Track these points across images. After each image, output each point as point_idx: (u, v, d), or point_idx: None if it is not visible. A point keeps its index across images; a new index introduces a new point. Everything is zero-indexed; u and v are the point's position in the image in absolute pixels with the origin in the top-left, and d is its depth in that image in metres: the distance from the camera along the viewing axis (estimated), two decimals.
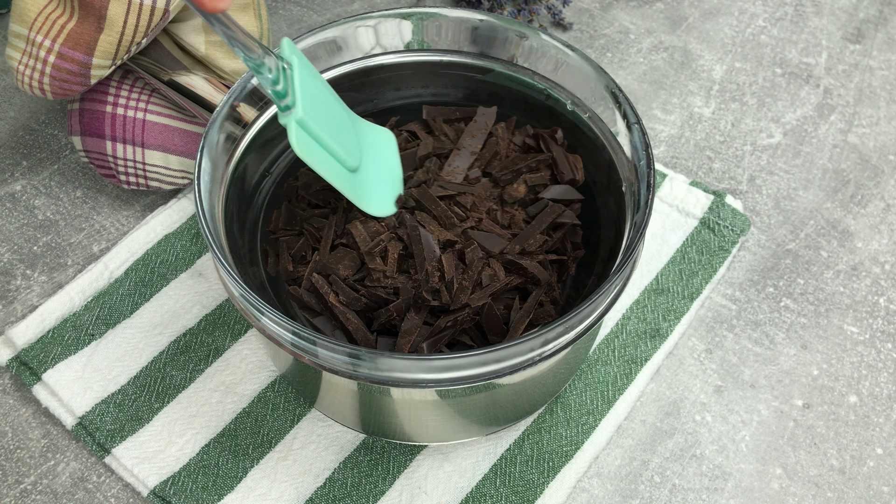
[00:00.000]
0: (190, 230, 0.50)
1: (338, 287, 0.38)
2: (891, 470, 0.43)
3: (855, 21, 0.63)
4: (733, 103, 0.58)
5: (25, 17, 0.44)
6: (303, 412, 0.44)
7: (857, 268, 0.50)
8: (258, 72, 0.34)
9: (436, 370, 0.33)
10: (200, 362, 0.45)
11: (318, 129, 0.35)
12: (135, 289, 0.47)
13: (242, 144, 0.40)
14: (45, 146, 0.55)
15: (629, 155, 0.38)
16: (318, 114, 0.35)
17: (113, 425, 0.43)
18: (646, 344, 0.46)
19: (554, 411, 0.44)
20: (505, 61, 0.43)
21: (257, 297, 0.33)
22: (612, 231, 0.39)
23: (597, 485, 0.42)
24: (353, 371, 0.33)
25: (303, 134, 0.34)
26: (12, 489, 0.41)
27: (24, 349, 0.45)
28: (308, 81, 0.35)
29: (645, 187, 0.36)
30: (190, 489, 0.41)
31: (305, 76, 0.35)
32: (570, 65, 0.41)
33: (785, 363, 0.46)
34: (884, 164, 0.55)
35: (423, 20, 0.42)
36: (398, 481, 0.42)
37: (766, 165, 0.54)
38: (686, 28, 0.63)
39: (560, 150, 0.42)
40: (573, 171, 0.42)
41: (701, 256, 0.49)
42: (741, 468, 0.42)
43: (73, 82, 0.45)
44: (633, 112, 0.38)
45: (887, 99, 0.58)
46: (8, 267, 0.49)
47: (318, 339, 0.32)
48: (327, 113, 0.36)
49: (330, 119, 0.36)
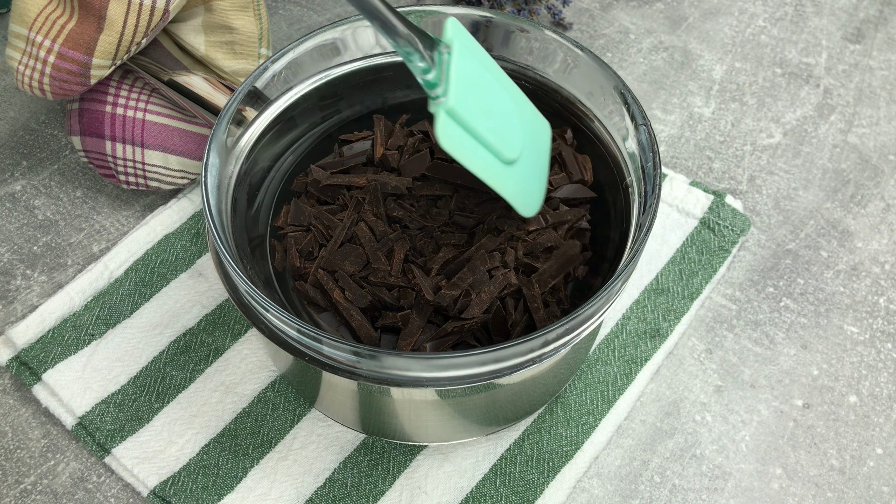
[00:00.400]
0: (190, 230, 0.50)
1: (344, 282, 0.38)
2: (891, 470, 0.43)
3: (855, 21, 0.63)
4: (733, 103, 0.58)
5: (25, 17, 0.44)
6: (303, 412, 0.44)
7: (857, 268, 0.50)
8: (408, 60, 0.32)
9: (436, 369, 0.33)
10: (200, 362, 0.45)
11: (471, 118, 0.33)
12: (135, 289, 0.47)
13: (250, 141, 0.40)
14: (45, 146, 0.55)
15: (636, 155, 0.38)
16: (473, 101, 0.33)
17: (113, 425, 0.43)
18: (646, 344, 0.46)
19: (554, 411, 0.44)
20: (511, 61, 0.43)
21: (262, 294, 0.33)
22: (617, 232, 0.39)
23: (597, 485, 0.42)
24: (353, 369, 0.33)
25: (450, 124, 0.32)
26: (12, 489, 0.41)
27: (24, 349, 0.45)
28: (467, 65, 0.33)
29: (651, 188, 0.36)
30: (190, 489, 0.41)
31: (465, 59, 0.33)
32: (578, 64, 0.41)
33: (785, 363, 0.46)
34: (884, 164, 0.55)
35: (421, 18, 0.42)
36: (398, 481, 0.42)
37: (766, 165, 0.54)
38: (686, 28, 0.63)
39: (570, 149, 0.42)
40: (582, 171, 0.42)
41: (701, 256, 0.49)
42: (741, 468, 0.42)
43: (73, 82, 0.45)
44: (641, 113, 0.38)
45: (887, 99, 0.58)
46: (8, 267, 0.49)
47: (320, 336, 0.32)
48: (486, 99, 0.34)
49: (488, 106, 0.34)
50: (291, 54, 0.41)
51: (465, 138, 0.33)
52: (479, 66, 0.34)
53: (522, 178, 0.36)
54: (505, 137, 0.35)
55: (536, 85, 0.43)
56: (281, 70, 0.41)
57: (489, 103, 0.34)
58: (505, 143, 0.35)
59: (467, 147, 0.33)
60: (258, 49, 0.50)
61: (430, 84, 0.32)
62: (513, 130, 0.35)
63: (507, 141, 0.35)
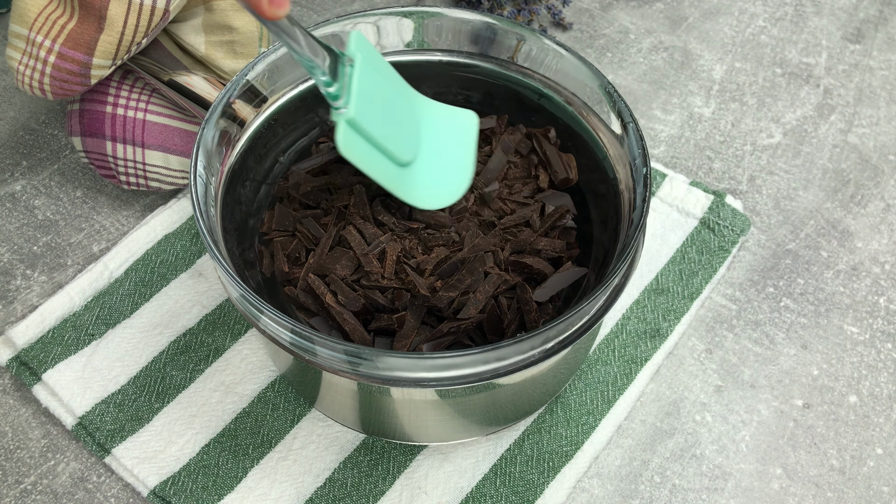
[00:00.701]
0: (190, 230, 0.50)
1: (336, 286, 0.38)
2: (891, 470, 0.43)
3: (855, 21, 0.63)
4: (733, 103, 0.58)
5: (25, 18, 0.44)
6: (303, 412, 0.44)
7: (857, 268, 0.50)
8: (312, 73, 0.33)
9: (435, 369, 0.33)
10: (200, 362, 0.45)
11: (370, 127, 0.35)
12: (135, 289, 0.47)
13: (240, 143, 0.40)
14: (45, 146, 0.55)
15: (625, 154, 0.38)
16: (372, 111, 0.35)
17: (113, 425, 0.43)
18: (646, 344, 0.46)
19: (554, 411, 0.44)
20: (503, 61, 0.43)
21: (256, 296, 0.33)
22: (611, 231, 0.39)
23: (597, 485, 0.42)
24: (352, 370, 0.33)
25: (351, 133, 0.34)
26: (12, 489, 0.41)
27: (24, 349, 0.45)
28: (369, 77, 0.35)
29: (641, 186, 0.36)
30: (190, 489, 0.41)
31: (367, 72, 0.35)
32: (565, 65, 0.41)
33: (785, 363, 0.46)
34: (884, 164, 0.55)
35: (423, 19, 0.43)
36: (398, 481, 0.42)
37: (766, 165, 0.54)
38: (686, 28, 0.63)
39: (553, 148, 0.42)
40: (566, 169, 0.42)
41: (701, 256, 0.49)
42: (741, 468, 0.42)
43: (74, 82, 0.45)
44: (628, 111, 0.38)
45: (887, 99, 0.58)
46: (8, 267, 0.49)
47: (316, 337, 0.32)
48: (385, 108, 0.36)
49: (386, 115, 0.36)
50: (273, 56, 0.41)
51: (364, 146, 0.35)
52: (380, 78, 0.37)
53: (421, 176, 0.39)
54: (401, 142, 0.37)
55: (525, 85, 0.43)
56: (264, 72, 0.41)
57: (387, 112, 0.37)
58: (401, 148, 0.37)
59: (365, 154, 0.35)
60: (258, 49, 0.50)
61: (332, 96, 0.34)
62: (409, 135, 0.38)
63: (402, 145, 0.37)
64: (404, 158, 0.37)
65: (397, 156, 0.37)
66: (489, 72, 0.43)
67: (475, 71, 0.44)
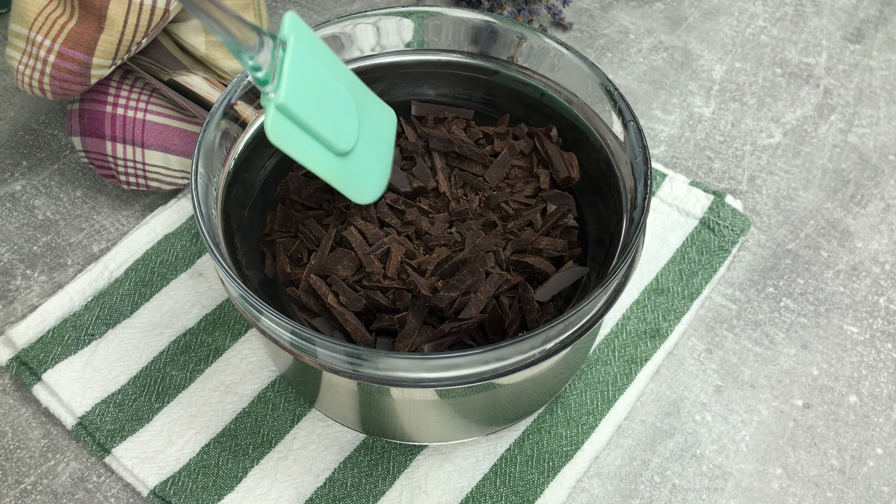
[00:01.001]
0: (190, 230, 0.50)
1: (338, 287, 0.38)
2: (891, 470, 0.43)
3: (855, 21, 0.63)
4: (733, 103, 0.58)
5: (25, 17, 0.44)
6: (303, 412, 0.44)
7: (857, 268, 0.50)
8: (238, 56, 0.32)
9: (436, 369, 0.33)
10: (200, 362, 0.45)
11: (304, 113, 0.33)
12: (135, 289, 0.47)
13: (241, 143, 0.40)
14: (45, 146, 0.55)
15: (626, 152, 0.38)
16: (306, 96, 0.34)
17: (113, 425, 0.43)
18: (646, 344, 0.46)
19: (554, 411, 0.44)
20: (504, 61, 0.43)
21: (256, 297, 0.33)
22: (612, 230, 0.39)
23: (597, 485, 0.42)
24: (352, 371, 0.33)
25: (281, 119, 0.33)
26: (12, 489, 0.41)
27: (24, 349, 0.45)
28: (302, 60, 0.34)
29: (642, 185, 0.36)
30: (190, 489, 0.41)
31: (300, 54, 0.34)
32: (566, 64, 0.41)
33: (785, 363, 0.46)
34: (884, 164, 0.55)
35: (423, 18, 0.43)
36: (398, 481, 0.42)
37: (766, 165, 0.55)
38: (686, 28, 0.63)
39: (555, 147, 0.42)
40: (568, 168, 0.42)
41: (701, 256, 0.49)
42: (741, 468, 0.42)
43: (74, 82, 0.45)
44: (629, 109, 0.38)
45: (887, 99, 0.58)
46: (8, 267, 0.49)
47: (316, 338, 0.32)
48: (320, 93, 0.35)
49: (322, 100, 0.35)
50: None
51: (297, 133, 0.34)
52: (315, 60, 0.35)
53: (358, 168, 0.37)
54: (339, 130, 0.35)
55: (523, 84, 0.43)
56: None
57: (323, 97, 0.35)
58: (339, 136, 0.35)
59: (299, 142, 0.34)
60: None
61: (260, 81, 0.33)
62: (348, 122, 0.36)
63: (341, 133, 0.35)
64: (342, 147, 0.36)
65: (335, 144, 0.35)
66: (490, 71, 0.43)
67: (475, 70, 0.44)
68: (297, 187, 0.41)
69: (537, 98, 0.43)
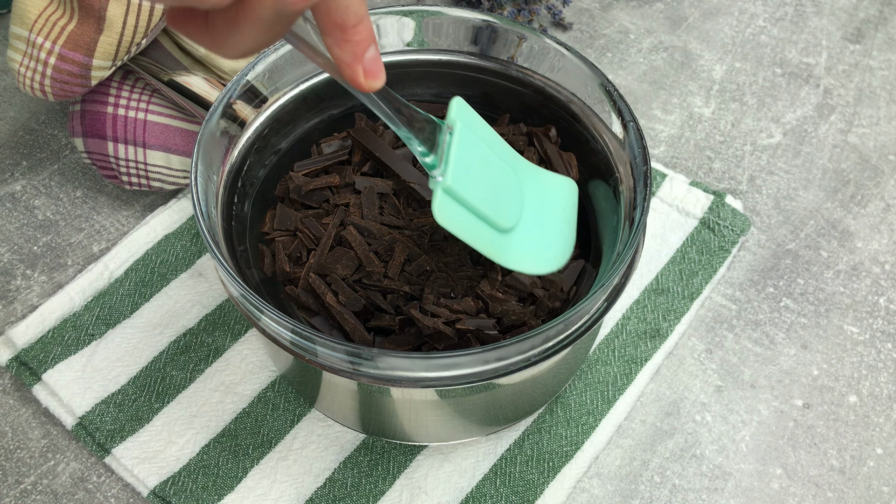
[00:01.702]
0: (190, 230, 0.50)
1: (337, 287, 0.38)
2: (891, 470, 0.43)
3: (855, 21, 0.63)
4: (733, 103, 0.58)
5: (26, 19, 0.44)
6: (303, 412, 0.44)
7: (857, 268, 0.50)
8: (408, 143, 0.33)
9: (435, 369, 0.33)
10: (200, 362, 0.45)
11: (468, 194, 0.34)
12: (135, 289, 0.47)
13: (241, 143, 0.40)
14: (45, 146, 0.55)
15: (625, 152, 0.38)
16: (471, 178, 0.34)
17: (113, 425, 0.43)
18: (646, 344, 0.46)
19: (554, 411, 0.44)
20: (504, 61, 0.43)
21: (256, 296, 0.33)
22: (612, 230, 0.39)
23: (597, 485, 0.42)
24: (352, 370, 0.33)
25: (448, 201, 0.34)
26: (12, 489, 0.41)
27: (24, 349, 0.45)
28: (468, 143, 0.35)
29: (642, 185, 0.36)
30: (190, 489, 0.41)
31: (466, 138, 0.35)
32: (566, 64, 0.41)
33: (785, 363, 0.46)
34: (884, 164, 0.55)
35: (423, 18, 0.43)
36: (398, 481, 0.42)
37: (766, 165, 0.54)
38: (686, 28, 0.63)
39: (554, 147, 0.42)
40: (567, 168, 0.42)
41: (701, 256, 0.49)
42: (741, 468, 0.42)
43: (74, 83, 0.45)
44: (628, 109, 0.38)
45: (887, 99, 0.58)
46: (8, 267, 0.49)
47: (316, 337, 0.32)
48: (484, 175, 0.35)
49: (486, 182, 0.35)
50: (273, 56, 0.41)
51: (462, 213, 0.34)
52: (479, 142, 0.36)
53: (523, 242, 0.37)
54: (501, 208, 0.36)
55: (523, 84, 0.43)
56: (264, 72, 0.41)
57: (486, 177, 0.36)
58: (501, 214, 0.36)
59: (464, 222, 0.34)
60: None
61: (429, 165, 0.34)
62: (510, 200, 0.37)
63: (503, 211, 0.36)
64: (504, 225, 0.36)
65: (497, 222, 0.36)
66: (490, 71, 0.43)
67: (475, 70, 0.44)
68: (297, 186, 0.41)
69: (537, 98, 0.43)
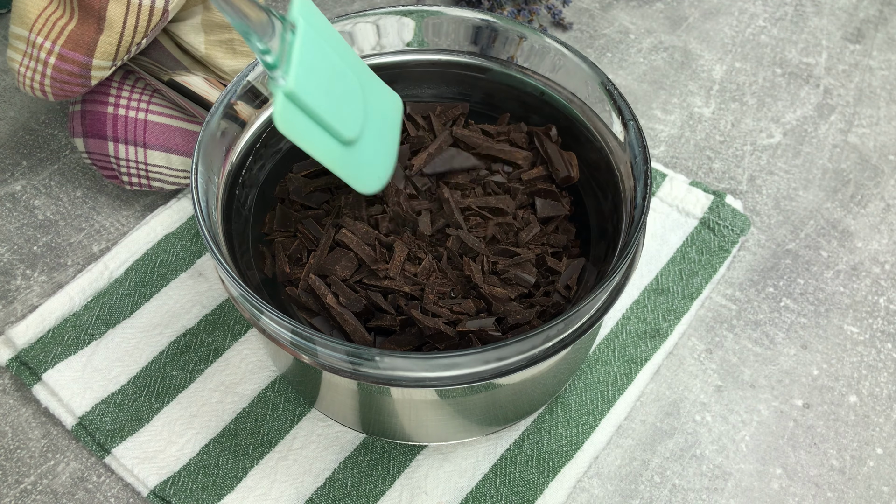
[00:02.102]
0: (190, 230, 0.50)
1: (337, 288, 0.38)
2: (891, 470, 0.43)
3: (855, 21, 0.63)
4: (733, 103, 0.58)
5: (25, 19, 0.44)
6: (303, 412, 0.44)
7: (857, 268, 0.50)
8: (246, 38, 0.31)
9: (435, 368, 0.33)
10: (200, 362, 0.45)
11: (312, 100, 0.32)
12: (135, 289, 0.47)
13: (241, 143, 0.40)
14: (45, 146, 0.55)
15: (625, 151, 0.38)
16: (315, 82, 0.33)
17: (113, 425, 0.43)
18: (646, 344, 0.46)
19: (554, 411, 0.44)
20: (504, 61, 0.43)
21: (256, 296, 0.33)
22: (611, 229, 0.39)
23: (597, 485, 0.42)
24: (352, 370, 0.33)
25: (290, 107, 0.32)
26: (12, 489, 0.41)
27: (24, 349, 0.45)
28: (312, 45, 0.33)
29: (642, 184, 0.36)
30: (190, 489, 0.41)
31: (310, 39, 0.33)
32: (566, 63, 0.41)
33: (785, 363, 0.46)
34: (884, 164, 0.55)
35: (423, 17, 0.43)
36: (398, 481, 0.42)
37: (766, 165, 0.55)
38: (686, 28, 0.63)
39: (554, 146, 0.42)
40: (568, 167, 0.42)
41: (701, 256, 0.49)
42: (741, 468, 0.42)
43: (74, 83, 0.45)
44: (628, 108, 0.38)
45: (887, 99, 0.58)
46: (8, 267, 0.49)
47: (317, 337, 0.32)
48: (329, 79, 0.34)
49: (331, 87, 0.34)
50: None
51: (305, 121, 0.33)
52: (325, 45, 0.34)
53: (363, 157, 0.36)
54: (345, 118, 0.34)
55: (523, 83, 0.43)
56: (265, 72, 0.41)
57: (331, 84, 0.34)
58: (345, 124, 0.34)
59: (306, 130, 0.33)
60: None
61: (269, 65, 0.32)
62: (354, 110, 0.35)
63: (347, 121, 0.34)
64: (348, 136, 0.35)
65: (342, 133, 0.34)
66: (490, 71, 0.43)
67: (475, 70, 0.44)
68: (297, 187, 0.41)
69: (537, 97, 0.43)
